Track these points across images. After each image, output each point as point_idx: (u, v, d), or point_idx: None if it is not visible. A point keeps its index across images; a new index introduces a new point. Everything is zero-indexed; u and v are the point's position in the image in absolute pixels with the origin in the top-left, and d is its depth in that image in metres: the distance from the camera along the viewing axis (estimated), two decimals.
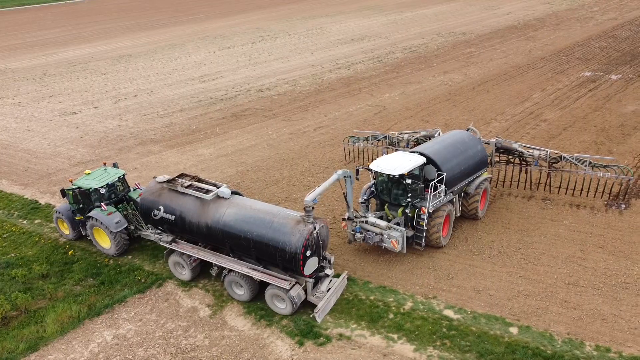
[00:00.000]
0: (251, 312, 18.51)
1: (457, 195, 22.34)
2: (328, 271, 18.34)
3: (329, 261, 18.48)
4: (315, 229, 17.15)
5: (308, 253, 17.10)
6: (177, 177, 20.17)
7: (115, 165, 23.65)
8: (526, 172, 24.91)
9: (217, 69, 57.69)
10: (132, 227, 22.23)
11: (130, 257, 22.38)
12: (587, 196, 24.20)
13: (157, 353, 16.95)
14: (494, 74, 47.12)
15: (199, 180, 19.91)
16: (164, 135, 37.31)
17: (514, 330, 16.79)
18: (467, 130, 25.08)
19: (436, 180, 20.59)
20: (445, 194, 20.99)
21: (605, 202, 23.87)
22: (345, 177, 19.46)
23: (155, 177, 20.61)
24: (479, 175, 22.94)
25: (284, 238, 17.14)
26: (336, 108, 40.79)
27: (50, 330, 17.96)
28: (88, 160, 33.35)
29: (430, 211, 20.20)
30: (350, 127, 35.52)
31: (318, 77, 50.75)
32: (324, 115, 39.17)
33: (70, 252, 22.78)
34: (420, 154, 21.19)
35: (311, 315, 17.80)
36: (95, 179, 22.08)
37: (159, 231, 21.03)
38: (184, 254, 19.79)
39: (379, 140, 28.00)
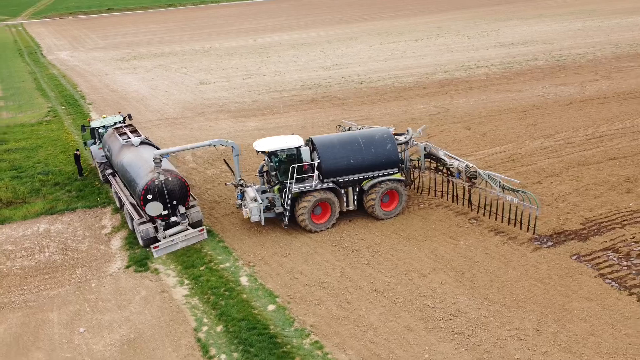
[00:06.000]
0: (129, 238, 22.91)
1: (352, 189, 22.40)
2: (174, 218, 21.47)
3: (179, 211, 21.52)
4: (158, 178, 20.55)
5: (149, 197, 20.61)
6: (125, 126, 25.69)
7: (129, 117, 30.35)
8: (452, 184, 22.85)
9: (352, 60, 61.27)
10: None
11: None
12: (502, 221, 21.21)
13: (50, 245, 22.83)
14: (618, 92, 39.85)
15: (134, 131, 25.03)
16: (242, 107, 43.34)
17: (271, 307, 17.46)
18: (407, 132, 24.29)
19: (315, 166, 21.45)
20: (322, 182, 21.60)
21: (533, 236, 20.53)
22: (222, 145, 22.14)
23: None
24: (384, 175, 22.35)
25: (138, 180, 21.08)
26: (402, 105, 40.80)
27: (17, 215, 25.58)
28: (173, 117, 41.63)
29: (292, 192, 21.24)
30: (393, 123, 35.64)
31: (427, 76, 50.14)
32: (382, 110, 39.75)
33: (85, 174, 30.52)
34: (309, 139, 22.19)
35: (148, 250, 21.35)
36: (101, 122, 29.10)
37: None
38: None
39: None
